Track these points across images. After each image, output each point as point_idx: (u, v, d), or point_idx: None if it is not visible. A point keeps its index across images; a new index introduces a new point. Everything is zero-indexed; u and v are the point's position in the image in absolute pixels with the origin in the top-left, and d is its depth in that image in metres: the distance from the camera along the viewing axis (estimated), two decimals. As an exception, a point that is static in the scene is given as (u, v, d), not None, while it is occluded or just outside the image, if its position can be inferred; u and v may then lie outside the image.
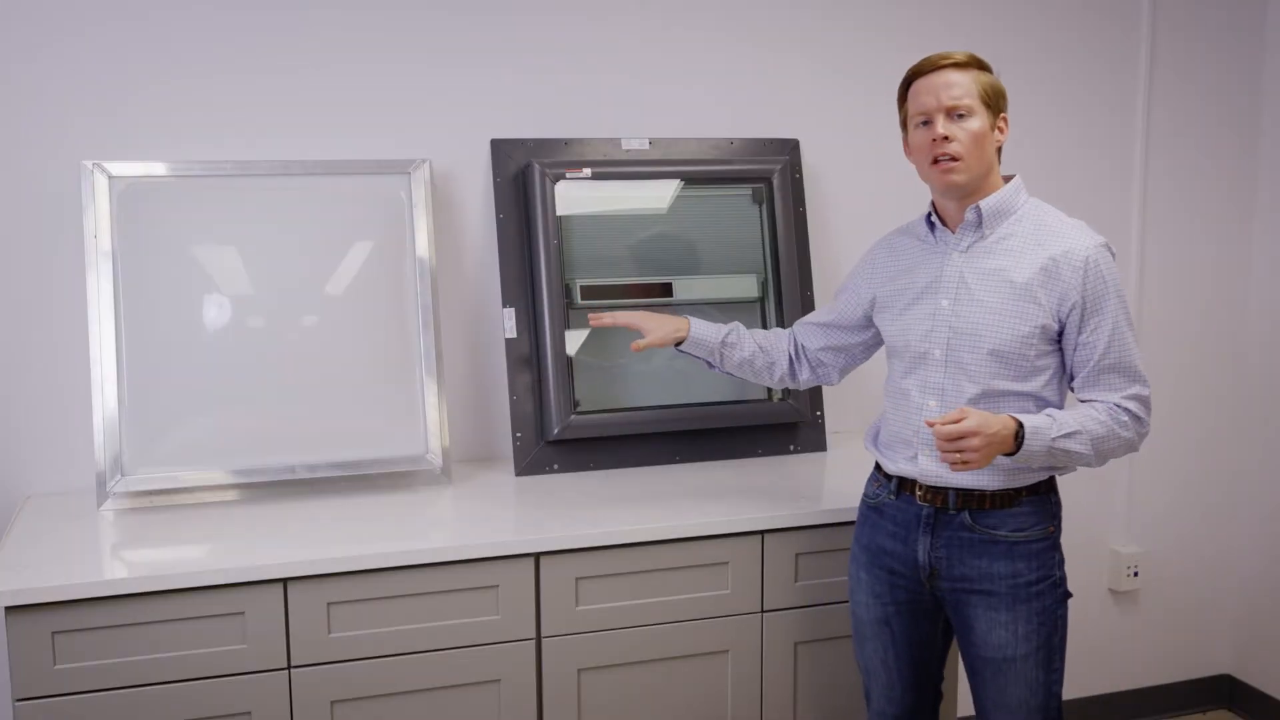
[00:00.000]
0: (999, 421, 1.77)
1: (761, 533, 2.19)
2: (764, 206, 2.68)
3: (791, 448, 2.67)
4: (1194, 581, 3.27)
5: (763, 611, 2.23)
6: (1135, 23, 3.03)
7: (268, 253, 2.36)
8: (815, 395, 2.70)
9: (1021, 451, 1.80)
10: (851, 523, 2.22)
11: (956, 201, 1.92)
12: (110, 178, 2.28)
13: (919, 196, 2.81)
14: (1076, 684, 3.19)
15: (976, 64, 1.90)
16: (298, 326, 2.37)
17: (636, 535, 2.11)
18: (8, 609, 1.81)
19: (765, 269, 2.67)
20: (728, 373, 2.21)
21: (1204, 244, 3.16)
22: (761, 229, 2.68)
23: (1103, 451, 1.86)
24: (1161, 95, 3.07)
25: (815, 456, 2.66)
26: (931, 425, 1.77)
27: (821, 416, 2.71)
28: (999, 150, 1.93)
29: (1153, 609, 3.24)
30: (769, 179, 2.66)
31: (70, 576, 1.86)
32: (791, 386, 2.25)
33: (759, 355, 2.19)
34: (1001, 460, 1.84)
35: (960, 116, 1.86)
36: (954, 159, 1.86)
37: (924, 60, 1.91)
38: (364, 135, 2.51)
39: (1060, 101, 2.99)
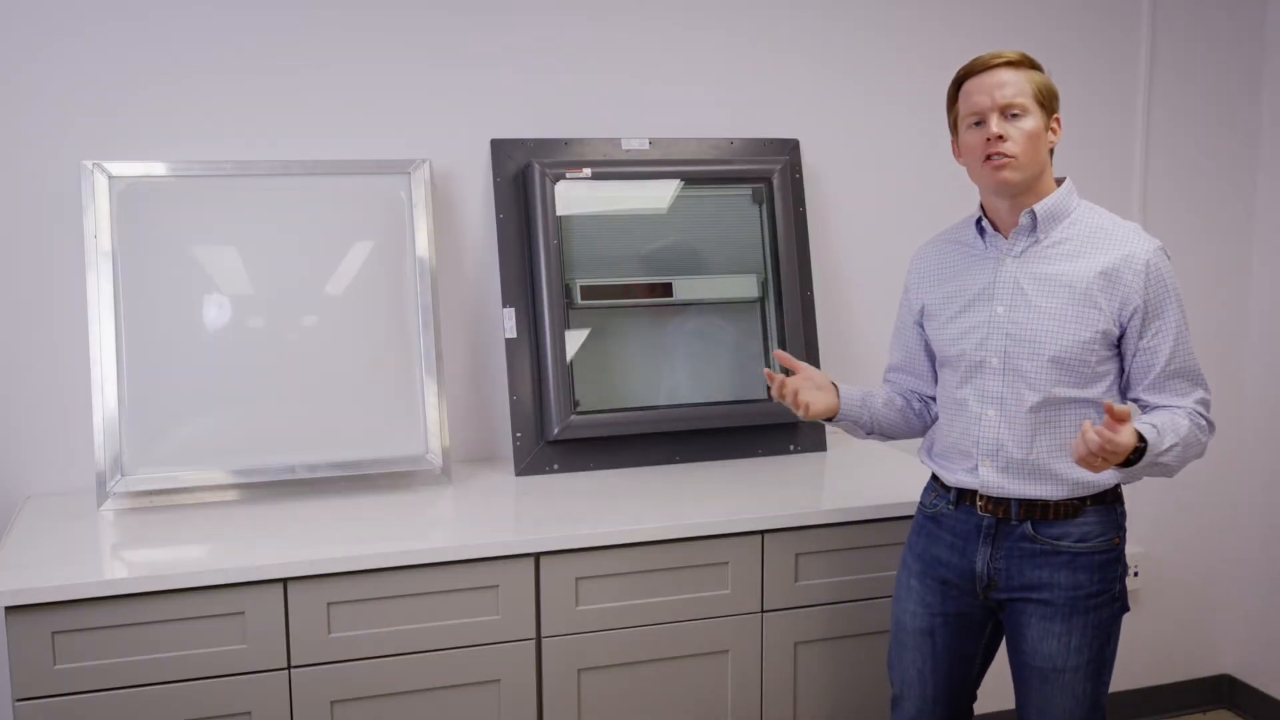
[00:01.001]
0: (1132, 440, 1.70)
1: (761, 533, 2.19)
2: (764, 206, 2.68)
3: (791, 448, 2.67)
4: (1194, 581, 3.27)
5: (763, 611, 2.22)
6: (1135, 23, 3.03)
7: (268, 253, 2.36)
8: (815, 395, 2.69)
9: (1132, 468, 1.75)
10: (852, 523, 2.23)
11: (1008, 203, 1.88)
12: (110, 178, 2.28)
13: (919, 195, 2.83)
14: (1076, 684, 3.19)
15: (1029, 63, 1.86)
16: (298, 326, 2.37)
17: (636, 535, 2.11)
18: (8, 609, 1.81)
19: (765, 269, 2.67)
20: (879, 432, 2.08)
21: (1204, 244, 3.16)
22: (761, 229, 2.68)
23: (1185, 460, 1.83)
24: (1161, 95, 3.07)
25: (815, 456, 2.66)
26: (1113, 413, 1.66)
27: (821, 416, 2.71)
28: (1051, 152, 1.90)
29: (1153, 609, 3.23)
30: (769, 179, 2.66)
31: (70, 576, 1.86)
32: (922, 427, 2.12)
33: (896, 396, 2.10)
34: (1063, 472, 1.82)
35: (1014, 116, 1.82)
36: (1007, 156, 1.81)
37: (975, 60, 1.87)
38: (364, 135, 2.51)
39: (1060, 101, 2.98)
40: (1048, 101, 1.86)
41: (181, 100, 2.40)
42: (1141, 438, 1.73)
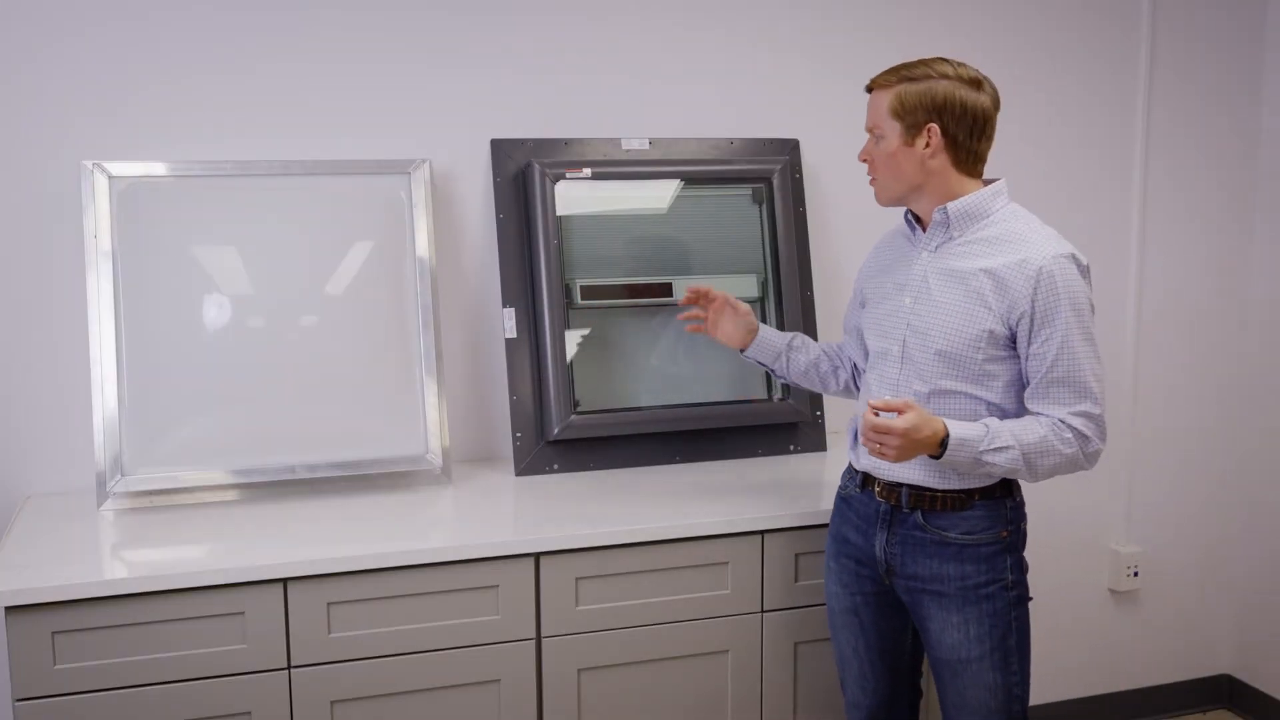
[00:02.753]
0: (930, 427, 1.79)
1: (761, 533, 2.20)
2: (764, 206, 2.68)
3: (791, 448, 2.67)
4: (1194, 581, 3.27)
5: (763, 611, 2.23)
6: (1135, 23, 3.02)
7: (268, 253, 2.36)
8: (815, 395, 2.69)
9: (945, 458, 1.82)
10: (851, 523, 2.24)
11: (921, 205, 1.96)
12: (110, 178, 2.28)
13: (919, 196, 2.82)
14: (1076, 684, 3.19)
15: (902, 78, 1.89)
16: (298, 326, 2.37)
17: (636, 535, 2.11)
18: (8, 609, 1.81)
19: (765, 269, 2.67)
20: (791, 382, 2.26)
21: (1204, 244, 3.16)
22: (761, 229, 2.68)
23: (1038, 467, 1.85)
24: (1161, 95, 3.07)
25: (815, 456, 2.66)
26: (872, 406, 1.80)
27: (821, 416, 2.71)
28: (976, 157, 1.91)
29: (1153, 609, 3.24)
30: (769, 179, 2.66)
31: (70, 576, 1.86)
32: (850, 397, 2.27)
33: (824, 359, 2.24)
34: (933, 460, 1.86)
35: (879, 138, 1.92)
36: (873, 178, 1.95)
37: None
38: (364, 135, 2.51)
39: (1060, 101, 2.99)
40: (909, 113, 1.87)
41: (181, 100, 2.40)
42: (949, 432, 1.80)
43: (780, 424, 2.65)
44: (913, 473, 1.92)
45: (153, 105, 2.39)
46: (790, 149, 2.73)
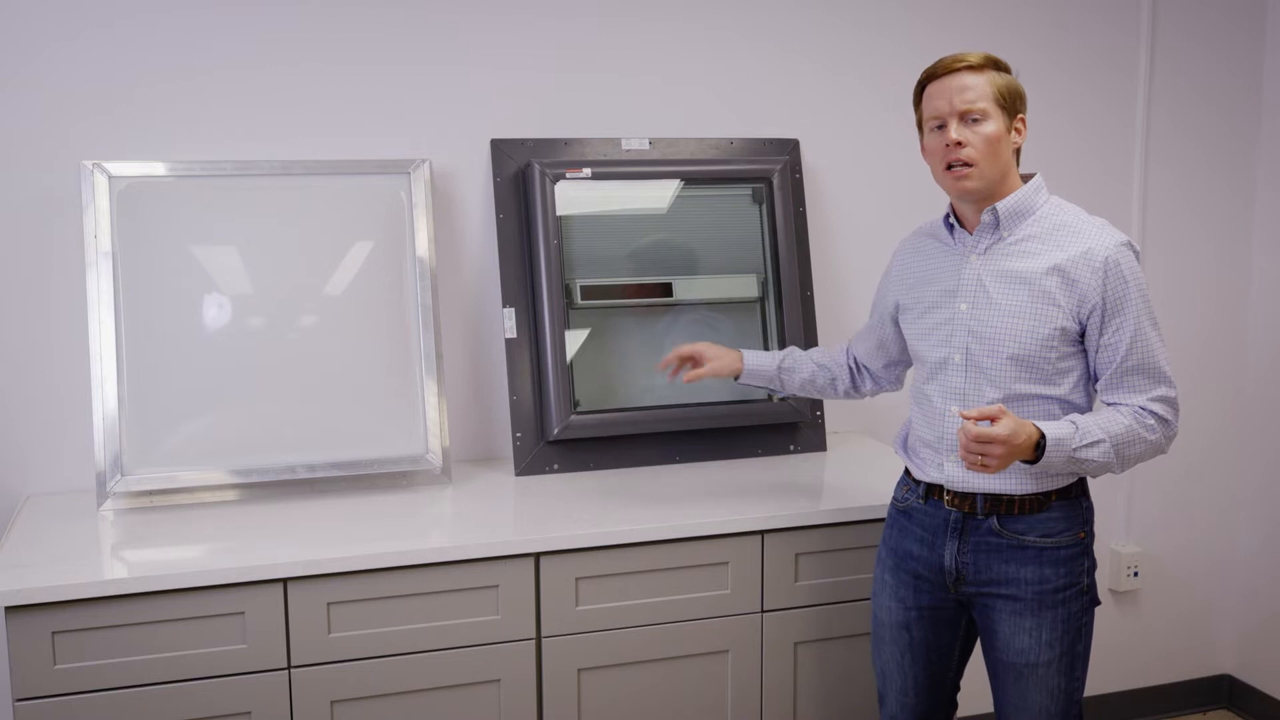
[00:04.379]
0: (1025, 431, 1.76)
1: (761, 533, 2.19)
2: (764, 206, 2.68)
3: (791, 448, 2.67)
4: (1194, 581, 3.27)
5: (763, 611, 2.23)
6: (1135, 23, 3.02)
7: (268, 253, 2.36)
8: (815, 395, 2.70)
9: (1041, 462, 1.79)
10: (852, 523, 2.23)
11: (973, 205, 1.90)
12: (110, 178, 2.28)
13: (919, 195, 2.82)
14: (1076, 684, 3.19)
15: (993, 65, 1.86)
16: (298, 326, 2.37)
17: (636, 535, 2.11)
18: (8, 609, 1.81)
19: (765, 269, 2.67)
20: (791, 394, 2.29)
21: (1204, 244, 3.16)
22: (761, 229, 2.68)
23: (1127, 457, 1.84)
24: (1161, 95, 3.07)
25: (815, 456, 2.66)
26: (965, 417, 1.75)
27: (821, 416, 2.71)
28: (1018, 152, 1.91)
29: (1153, 609, 3.24)
30: (769, 179, 2.66)
31: (70, 576, 1.86)
32: (857, 398, 2.27)
33: (819, 373, 2.23)
34: (1023, 465, 1.83)
35: (974, 120, 1.84)
36: (967, 164, 1.84)
37: (938, 62, 1.88)
38: (364, 135, 2.51)
39: (1060, 101, 2.99)
40: (1010, 103, 1.86)
41: (181, 100, 2.40)
42: (1044, 434, 1.77)
43: (780, 424, 2.65)
44: (987, 481, 1.88)
45: (153, 105, 2.39)
46: (790, 149, 2.73)
